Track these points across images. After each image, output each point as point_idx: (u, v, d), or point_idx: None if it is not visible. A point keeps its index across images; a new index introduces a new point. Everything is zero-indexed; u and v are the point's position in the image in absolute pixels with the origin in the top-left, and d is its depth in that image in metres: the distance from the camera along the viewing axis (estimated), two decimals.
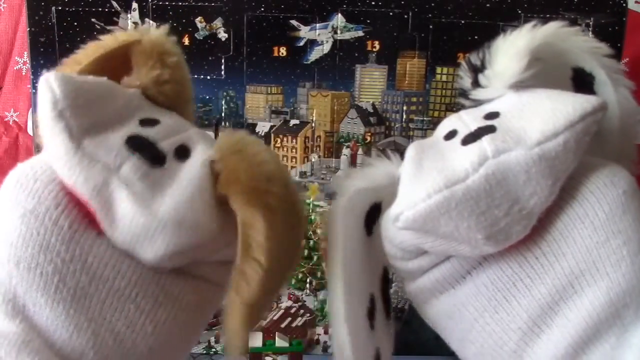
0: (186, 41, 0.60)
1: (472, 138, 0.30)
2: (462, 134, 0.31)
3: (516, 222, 0.29)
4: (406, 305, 0.64)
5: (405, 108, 0.62)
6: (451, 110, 0.61)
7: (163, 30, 0.34)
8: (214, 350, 0.65)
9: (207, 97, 0.62)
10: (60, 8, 0.59)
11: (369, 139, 0.63)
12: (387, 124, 0.63)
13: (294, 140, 0.63)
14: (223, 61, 0.61)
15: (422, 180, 0.29)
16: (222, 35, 0.60)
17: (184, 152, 0.30)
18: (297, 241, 0.32)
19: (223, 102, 0.62)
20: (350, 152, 0.63)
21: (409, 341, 0.65)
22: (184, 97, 0.35)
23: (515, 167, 0.28)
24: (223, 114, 0.62)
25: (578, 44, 0.35)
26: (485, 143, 0.29)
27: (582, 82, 0.36)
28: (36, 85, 0.60)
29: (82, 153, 0.28)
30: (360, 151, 0.63)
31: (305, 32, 0.61)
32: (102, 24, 0.59)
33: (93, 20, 0.59)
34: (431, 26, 0.60)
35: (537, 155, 0.28)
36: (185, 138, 0.31)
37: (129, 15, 0.59)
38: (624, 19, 0.59)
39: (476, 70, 0.34)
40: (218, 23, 0.60)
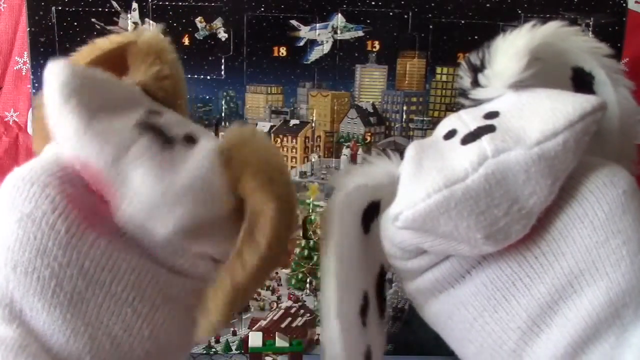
0: (186, 41, 0.60)
1: (471, 137, 0.30)
2: (461, 133, 0.31)
3: (515, 221, 0.29)
4: (406, 305, 0.64)
5: (405, 108, 0.62)
6: (451, 110, 0.61)
7: (157, 29, 0.35)
8: (214, 350, 0.65)
9: (207, 97, 0.62)
10: (60, 8, 0.59)
11: (369, 139, 0.63)
12: (387, 124, 0.63)
13: (294, 140, 0.63)
14: (223, 61, 0.61)
15: (422, 180, 0.29)
16: (222, 35, 0.60)
17: (192, 140, 0.31)
18: (287, 241, 0.32)
19: (223, 102, 0.62)
20: (350, 152, 0.63)
21: (409, 341, 0.65)
22: (180, 95, 0.35)
23: (514, 167, 0.28)
24: (223, 114, 0.62)
25: (578, 43, 0.35)
26: (485, 142, 0.29)
27: (581, 81, 0.36)
28: (36, 85, 0.60)
29: (93, 130, 0.28)
30: (360, 151, 0.63)
31: (305, 32, 0.61)
32: (102, 24, 0.59)
33: (93, 20, 0.59)
34: (431, 26, 0.60)
35: (536, 154, 0.28)
36: (191, 129, 0.32)
37: (129, 15, 0.59)
38: (624, 19, 0.59)
39: (476, 69, 0.34)
40: (218, 23, 0.60)
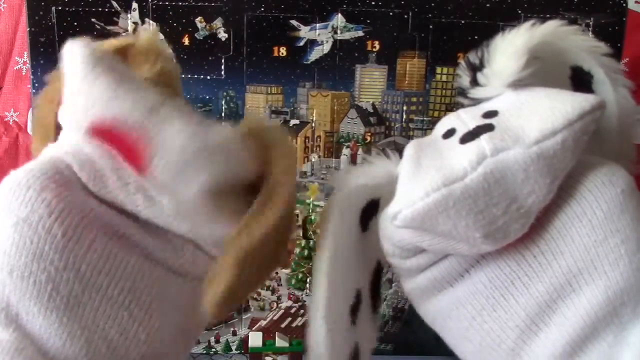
0: (186, 41, 0.60)
1: (470, 136, 0.30)
2: (460, 132, 0.31)
3: (514, 220, 0.29)
4: (406, 305, 0.64)
5: (405, 108, 0.62)
6: (451, 110, 0.60)
7: (153, 30, 0.35)
8: (214, 350, 0.65)
9: (207, 97, 0.62)
10: (60, 8, 0.59)
11: (369, 139, 0.63)
12: (387, 124, 0.63)
13: (294, 141, 0.63)
14: (223, 61, 0.61)
15: (421, 179, 0.29)
16: (222, 35, 0.60)
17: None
18: (285, 238, 0.33)
19: (223, 102, 0.62)
20: (350, 152, 0.63)
21: (408, 341, 0.64)
22: (179, 92, 0.36)
23: (513, 166, 0.29)
24: (223, 114, 0.62)
25: (577, 42, 0.35)
26: (484, 141, 0.29)
27: (580, 81, 0.36)
28: (36, 85, 0.60)
29: (126, 86, 0.28)
30: (360, 151, 0.63)
31: (305, 32, 0.61)
32: (102, 24, 0.59)
33: (93, 20, 0.59)
34: (431, 26, 0.60)
35: (535, 153, 0.28)
36: None
37: (129, 15, 0.59)
38: (624, 19, 0.59)
39: (475, 69, 0.34)
40: (218, 23, 0.60)
